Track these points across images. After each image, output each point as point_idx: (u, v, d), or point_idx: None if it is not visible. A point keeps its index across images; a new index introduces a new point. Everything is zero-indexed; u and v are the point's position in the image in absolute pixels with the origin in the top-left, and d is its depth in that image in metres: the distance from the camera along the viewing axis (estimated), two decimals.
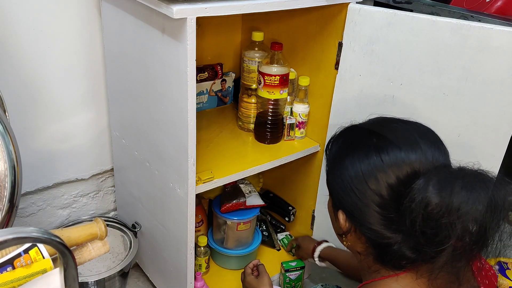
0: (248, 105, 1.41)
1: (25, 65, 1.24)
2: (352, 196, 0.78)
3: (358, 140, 0.83)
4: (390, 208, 0.75)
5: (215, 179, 1.18)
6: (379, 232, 0.76)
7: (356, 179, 0.78)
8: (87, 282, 1.28)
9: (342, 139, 0.87)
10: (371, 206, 0.76)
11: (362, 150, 0.79)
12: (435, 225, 0.68)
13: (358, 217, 0.79)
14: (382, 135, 0.79)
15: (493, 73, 1.01)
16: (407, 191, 0.71)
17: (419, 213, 0.68)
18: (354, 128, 0.87)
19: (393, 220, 0.74)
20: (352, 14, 1.17)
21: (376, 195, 0.75)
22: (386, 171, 0.75)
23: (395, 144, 0.76)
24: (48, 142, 1.36)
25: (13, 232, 0.50)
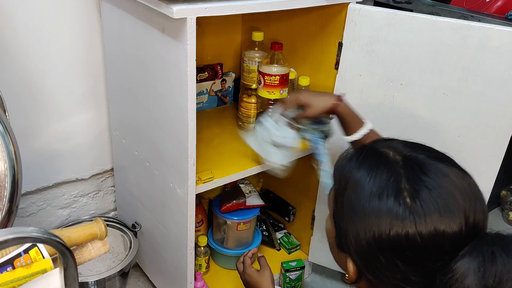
0: (248, 105, 1.41)
1: (25, 65, 1.24)
2: (368, 253, 0.65)
3: (386, 177, 0.65)
4: (417, 281, 0.63)
5: (215, 179, 1.18)
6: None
7: (378, 239, 0.63)
8: (87, 282, 1.27)
9: (362, 164, 0.69)
10: (392, 274, 0.64)
11: (391, 201, 0.63)
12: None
13: (372, 277, 0.67)
14: (417, 189, 0.63)
15: (493, 73, 1.01)
16: (443, 270, 0.60)
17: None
18: (381, 156, 0.69)
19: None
20: (352, 14, 1.17)
21: (402, 263, 0.63)
22: (419, 241, 0.61)
23: (434, 208, 0.62)
24: (48, 142, 1.36)
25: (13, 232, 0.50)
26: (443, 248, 0.61)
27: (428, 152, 0.69)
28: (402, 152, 0.68)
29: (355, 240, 0.66)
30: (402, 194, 0.63)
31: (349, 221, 0.67)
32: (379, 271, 0.65)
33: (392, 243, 0.62)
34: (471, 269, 0.58)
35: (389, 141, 0.72)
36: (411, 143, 0.72)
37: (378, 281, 0.66)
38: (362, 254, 0.66)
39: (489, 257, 0.58)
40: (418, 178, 0.64)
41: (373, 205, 0.64)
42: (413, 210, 0.62)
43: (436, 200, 0.62)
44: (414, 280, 0.63)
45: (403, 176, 0.65)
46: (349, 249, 0.68)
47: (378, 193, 0.64)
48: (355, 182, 0.68)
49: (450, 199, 0.62)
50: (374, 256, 0.64)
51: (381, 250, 0.63)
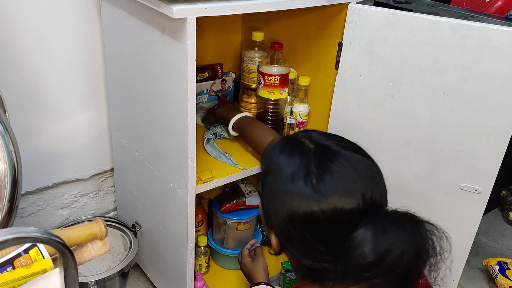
0: (248, 105, 1.41)
1: (25, 65, 1.24)
2: (284, 227, 0.76)
3: (299, 162, 0.76)
4: (322, 250, 0.74)
5: (215, 179, 1.18)
6: (310, 261, 0.77)
7: (290, 216, 0.74)
8: (87, 282, 1.28)
9: (283, 151, 0.80)
10: (303, 244, 0.75)
11: (301, 183, 0.74)
12: (367, 269, 0.68)
13: (290, 247, 0.78)
14: (321, 173, 0.73)
15: (493, 73, 1.01)
16: (343, 240, 0.70)
17: (351, 263, 0.69)
18: (298, 144, 0.80)
19: (326, 258, 0.74)
20: (352, 14, 1.17)
21: (310, 235, 0.73)
22: (322, 217, 0.72)
23: (334, 189, 0.72)
24: (48, 142, 1.36)
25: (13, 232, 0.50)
26: (342, 222, 0.71)
27: (338, 142, 0.80)
28: (316, 141, 0.79)
29: (274, 217, 0.77)
30: (309, 177, 0.73)
31: (270, 201, 0.79)
32: (294, 242, 0.77)
33: (301, 219, 0.73)
34: (366, 238, 0.68)
35: (308, 132, 0.84)
36: (327, 134, 0.84)
37: (295, 251, 0.78)
38: (280, 229, 0.77)
39: (380, 229, 0.68)
40: (324, 163, 0.75)
41: (287, 186, 0.75)
42: (317, 191, 0.72)
43: (336, 182, 0.73)
44: (320, 249, 0.74)
45: (312, 162, 0.75)
46: (271, 225, 0.79)
47: (291, 176, 0.75)
48: (275, 166, 0.79)
49: (349, 181, 0.73)
50: (288, 230, 0.75)
51: (293, 225, 0.74)
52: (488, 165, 1.07)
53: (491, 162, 1.07)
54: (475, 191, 1.11)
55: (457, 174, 1.11)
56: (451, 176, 1.12)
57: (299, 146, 0.79)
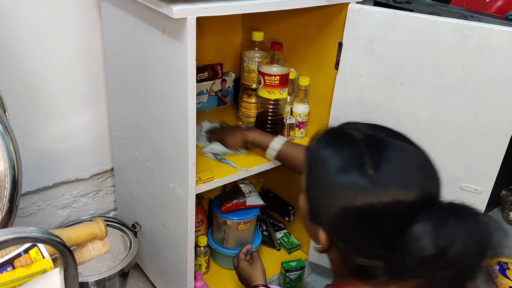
0: (248, 105, 1.41)
1: (25, 65, 1.24)
2: (337, 222, 0.72)
3: (350, 153, 0.72)
4: (379, 244, 0.70)
5: (215, 179, 1.18)
6: (361, 258, 0.73)
7: (345, 209, 0.70)
8: (87, 282, 1.27)
9: (329, 144, 0.76)
10: (358, 239, 0.71)
11: (356, 174, 0.70)
12: (427, 263, 0.66)
13: (342, 243, 0.74)
14: (377, 163, 0.70)
15: (493, 73, 1.01)
16: (402, 233, 0.67)
17: (412, 257, 0.66)
18: (346, 135, 0.76)
19: (381, 253, 0.71)
20: (352, 14, 1.17)
21: (367, 229, 0.70)
22: (381, 209, 0.68)
23: (393, 179, 0.69)
24: (48, 142, 1.36)
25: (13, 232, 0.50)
26: (401, 214, 0.68)
27: (387, 131, 0.77)
28: (365, 131, 0.76)
29: (325, 211, 0.73)
30: (364, 168, 0.70)
31: (320, 195, 0.74)
32: (347, 238, 0.72)
33: (358, 212, 0.69)
34: (426, 231, 0.65)
35: (353, 123, 0.80)
36: (373, 124, 0.79)
37: (347, 247, 0.74)
38: (332, 223, 0.73)
39: (441, 221, 0.66)
40: (379, 153, 0.71)
41: (339, 179, 0.71)
42: (375, 181, 0.68)
43: (395, 172, 0.69)
44: (377, 242, 0.70)
45: (365, 151, 0.71)
46: (320, 220, 0.75)
47: (344, 167, 0.71)
48: (323, 159, 0.75)
49: (407, 171, 0.70)
50: (342, 224, 0.71)
51: (348, 219, 0.70)
52: (488, 165, 1.07)
53: (491, 162, 1.07)
54: (475, 191, 1.11)
55: (457, 174, 1.11)
56: (451, 176, 1.12)
57: (346, 137, 0.75)
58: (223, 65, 1.55)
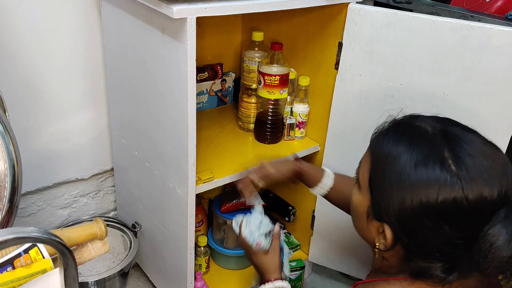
0: (248, 105, 1.41)
1: (25, 65, 1.24)
2: (412, 218, 0.68)
3: (429, 148, 0.69)
4: (460, 242, 0.67)
5: (215, 179, 1.18)
6: (427, 259, 0.70)
7: (425, 204, 0.67)
8: (87, 282, 1.27)
9: (402, 138, 0.73)
10: (436, 238, 0.68)
11: (438, 169, 0.67)
12: (501, 266, 0.65)
13: (412, 242, 0.71)
14: (461, 157, 0.67)
15: (493, 73, 1.01)
16: (480, 233, 0.66)
17: (488, 257, 0.64)
18: (419, 129, 0.73)
19: (453, 254, 0.68)
20: (352, 14, 1.17)
21: (448, 226, 0.67)
22: (465, 205, 0.65)
23: (478, 173, 0.66)
24: (48, 142, 1.36)
25: (13, 232, 0.50)
26: (484, 212, 0.66)
27: (461, 126, 0.75)
28: (437, 125, 0.73)
29: (398, 207, 0.69)
30: (447, 162, 0.67)
31: (393, 190, 0.70)
32: (422, 236, 0.69)
33: (440, 208, 0.66)
34: (505, 231, 0.64)
35: (420, 117, 0.77)
36: (439, 117, 0.77)
37: (417, 246, 0.70)
38: (405, 220, 0.69)
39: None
40: (460, 146, 0.69)
41: (420, 173, 0.68)
42: (460, 175, 0.66)
43: (479, 165, 0.67)
44: (457, 242, 0.67)
45: (445, 145, 0.69)
46: (388, 216, 0.71)
47: (424, 162, 0.68)
48: (396, 154, 0.71)
49: (490, 166, 0.68)
50: (419, 221, 0.68)
51: (427, 215, 0.67)
52: None
53: None
54: None
55: None
56: None
57: (420, 131, 0.72)
58: (223, 65, 1.55)
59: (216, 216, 1.49)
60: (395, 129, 0.76)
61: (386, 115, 0.83)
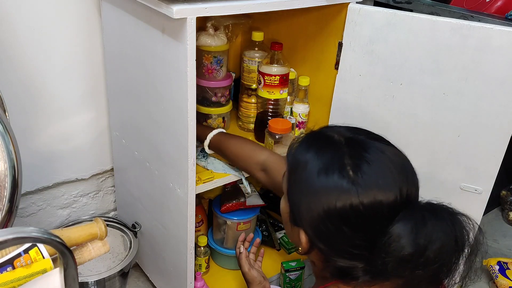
0: (248, 105, 1.41)
1: (25, 65, 1.24)
2: (319, 223, 0.72)
3: (331, 155, 0.74)
4: (361, 244, 0.71)
5: (215, 179, 1.18)
6: (343, 259, 0.74)
7: (327, 210, 0.71)
8: (87, 282, 1.28)
9: (310, 147, 0.77)
10: (340, 240, 0.72)
11: (336, 176, 0.71)
12: (408, 262, 0.67)
13: (323, 245, 0.74)
14: (358, 164, 0.71)
15: (493, 73, 1.01)
16: (382, 233, 0.69)
17: (392, 256, 0.67)
18: (327, 138, 0.77)
19: (363, 254, 0.72)
20: (352, 14, 1.17)
21: (349, 230, 0.71)
22: (362, 210, 0.69)
23: (374, 180, 0.70)
24: (48, 142, 1.36)
25: (13, 232, 0.50)
26: (381, 215, 0.69)
27: (367, 134, 0.78)
28: (345, 134, 0.77)
29: (307, 213, 0.74)
30: (345, 169, 0.71)
31: (301, 197, 0.75)
32: (329, 239, 0.73)
33: (339, 213, 0.70)
34: (406, 231, 0.67)
35: (334, 127, 0.81)
36: (353, 127, 0.81)
37: (329, 248, 0.74)
38: (314, 225, 0.73)
39: (420, 220, 0.67)
40: (359, 154, 0.72)
41: (321, 181, 0.72)
42: (356, 182, 0.70)
43: (375, 172, 0.71)
44: (358, 243, 0.71)
45: (346, 153, 0.73)
46: (302, 222, 0.75)
47: (325, 169, 0.72)
48: (305, 162, 0.75)
49: (387, 172, 0.71)
50: (324, 225, 0.72)
51: (330, 220, 0.71)
52: (488, 165, 1.07)
53: (491, 162, 1.07)
54: (475, 191, 1.11)
55: (457, 174, 1.11)
56: (451, 176, 1.12)
57: (327, 140, 0.77)
58: None
59: (216, 216, 1.49)
60: (307, 138, 0.80)
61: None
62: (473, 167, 1.09)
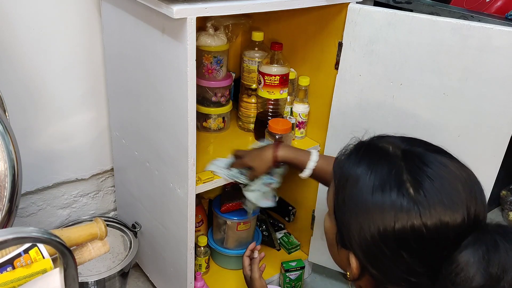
0: (248, 105, 1.42)
1: (25, 65, 1.24)
2: (373, 247, 0.64)
3: (387, 170, 0.65)
4: (421, 272, 0.63)
5: (215, 179, 1.18)
6: (398, 286, 0.66)
7: (382, 232, 0.63)
8: (87, 282, 1.27)
9: (362, 160, 0.69)
10: (397, 266, 0.64)
11: (395, 194, 0.63)
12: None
13: (376, 271, 0.66)
14: (419, 180, 0.63)
15: (493, 73, 1.01)
16: (448, 261, 0.61)
17: (461, 287, 0.59)
18: (380, 150, 0.70)
19: (422, 284, 0.64)
20: (352, 14, 1.17)
21: (408, 255, 0.63)
22: (424, 232, 0.61)
23: (437, 198, 0.62)
24: (48, 142, 1.36)
25: (13, 232, 0.50)
26: (447, 238, 0.61)
27: (426, 146, 0.70)
28: (401, 146, 0.69)
29: (358, 235, 0.66)
30: (404, 186, 0.63)
31: (351, 216, 0.67)
32: (384, 265, 0.65)
33: (398, 236, 0.62)
34: (476, 258, 0.58)
35: (386, 137, 0.73)
36: (408, 138, 0.72)
37: (382, 275, 0.66)
38: (366, 248, 0.65)
39: (492, 246, 0.58)
40: (419, 169, 0.64)
41: (376, 199, 0.64)
42: (417, 201, 0.62)
43: (439, 190, 0.62)
44: (419, 271, 0.63)
45: (404, 168, 0.65)
46: (351, 244, 0.67)
47: (381, 186, 0.64)
48: (356, 177, 0.68)
49: (452, 189, 0.63)
50: (378, 249, 0.64)
51: (386, 243, 0.63)
52: (488, 165, 1.07)
53: (491, 162, 1.07)
54: None
55: None
56: None
57: (382, 152, 0.69)
58: None
59: (216, 216, 1.49)
60: (357, 150, 0.72)
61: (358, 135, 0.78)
62: (473, 167, 1.09)
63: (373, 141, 0.73)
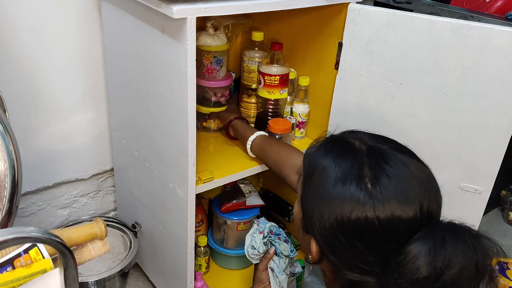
0: (248, 105, 1.42)
1: (25, 65, 1.24)
2: (330, 234, 0.69)
3: (350, 164, 0.70)
4: (373, 261, 0.68)
5: (215, 179, 1.18)
6: (353, 273, 0.70)
7: (340, 221, 0.67)
8: (87, 282, 1.28)
9: (329, 153, 0.74)
10: (352, 254, 0.68)
11: (354, 187, 0.67)
12: (422, 285, 0.63)
13: (333, 257, 0.71)
14: (378, 177, 0.67)
15: (493, 73, 1.01)
16: (398, 252, 0.64)
17: (406, 278, 0.63)
18: (347, 145, 0.74)
19: (374, 271, 0.68)
20: (352, 14, 1.17)
21: (361, 245, 0.67)
22: (377, 225, 0.65)
23: (392, 194, 0.66)
24: (48, 142, 1.36)
25: (13, 232, 0.50)
26: (398, 232, 0.65)
27: (390, 144, 0.74)
28: (367, 142, 0.73)
29: (319, 222, 0.70)
30: (364, 181, 0.67)
31: (314, 205, 0.72)
32: (340, 252, 0.69)
33: (352, 226, 0.66)
34: (423, 251, 0.62)
35: (356, 133, 0.77)
36: (376, 135, 0.76)
37: (339, 261, 0.71)
38: (325, 235, 0.70)
39: (439, 241, 0.62)
40: (380, 166, 0.68)
41: (337, 190, 0.68)
42: (373, 195, 0.66)
43: (394, 187, 0.66)
44: (371, 260, 0.67)
45: (366, 164, 0.69)
46: (313, 230, 0.72)
47: (342, 178, 0.69)
48: (322, 168, 0.72)
49: (407, 187, 0.67)
50: (335, 237, 0.68)
51: (342, 232, 0.68)
52: (488, 165, 1.07)
53: (491, 162, 1.07)
54: (475, 191, 1.11)
55: (457, 174, 1.11)
56: (451, 176, 1.12)
57: (348, 147, 0.73)
58: None
59: (216, 216, 1.49)
60: (327, 143, 0.76)
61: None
62: (473, 167, 1.09)
63: (343, 136, 0.77)
